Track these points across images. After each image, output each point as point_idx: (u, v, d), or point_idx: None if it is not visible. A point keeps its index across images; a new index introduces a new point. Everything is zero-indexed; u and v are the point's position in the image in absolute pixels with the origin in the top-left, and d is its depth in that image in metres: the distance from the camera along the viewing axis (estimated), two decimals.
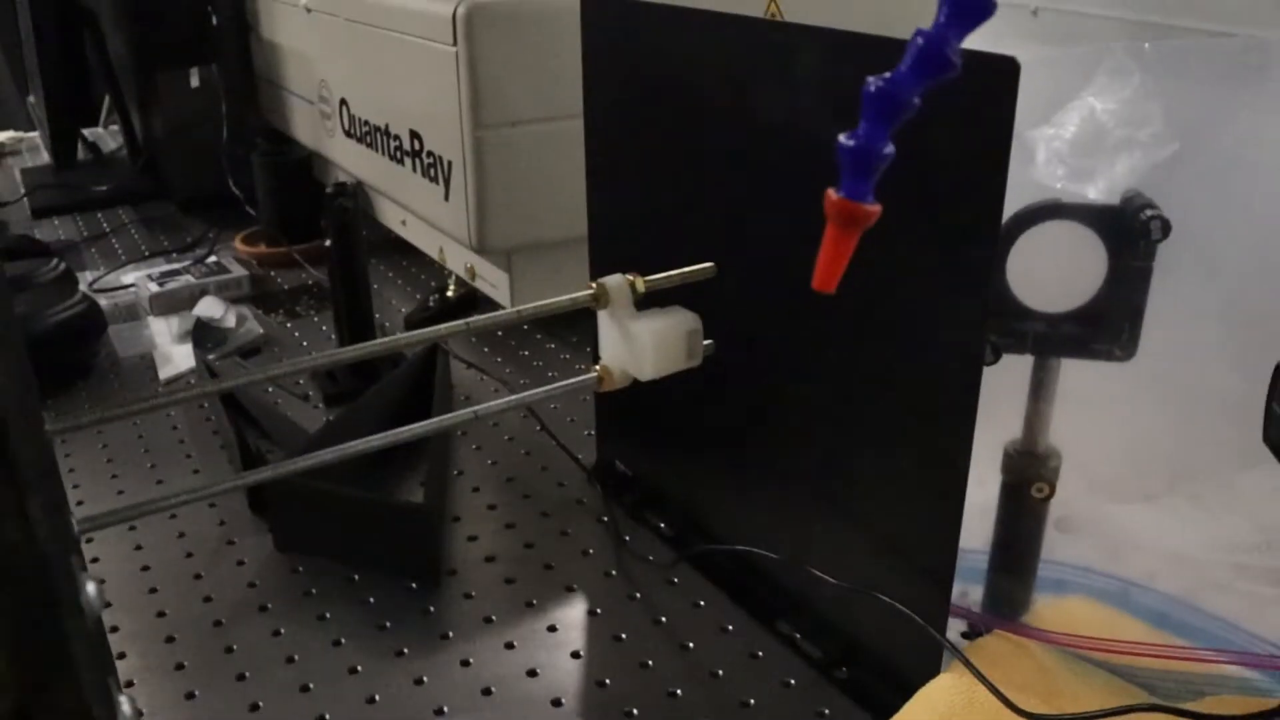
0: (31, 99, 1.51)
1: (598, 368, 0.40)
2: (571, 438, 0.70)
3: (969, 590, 0.53)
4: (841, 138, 0.26)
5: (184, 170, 1.18)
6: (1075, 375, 0.47)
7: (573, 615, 0.54)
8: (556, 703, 0.49)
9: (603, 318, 0.40)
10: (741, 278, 0.47)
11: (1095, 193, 0.45)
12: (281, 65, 1.09)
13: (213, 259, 1.02)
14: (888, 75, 0.26)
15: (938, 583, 0.45)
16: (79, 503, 0.66)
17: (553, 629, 0.53)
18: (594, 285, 0.39)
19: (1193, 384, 0.43)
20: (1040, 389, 0.48)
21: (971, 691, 0.44)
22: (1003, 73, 0.35)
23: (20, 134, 1.59)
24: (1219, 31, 1.60)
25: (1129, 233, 0.45)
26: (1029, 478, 0.49)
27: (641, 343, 0.39)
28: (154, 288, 0.94)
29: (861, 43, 0.41)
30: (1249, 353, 0.39)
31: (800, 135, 0.46)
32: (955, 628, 0.50)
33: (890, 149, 0.26)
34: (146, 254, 1.08)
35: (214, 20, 1.13)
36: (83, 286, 0.87)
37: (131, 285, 0.98)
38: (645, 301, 0.41)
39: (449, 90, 0.74)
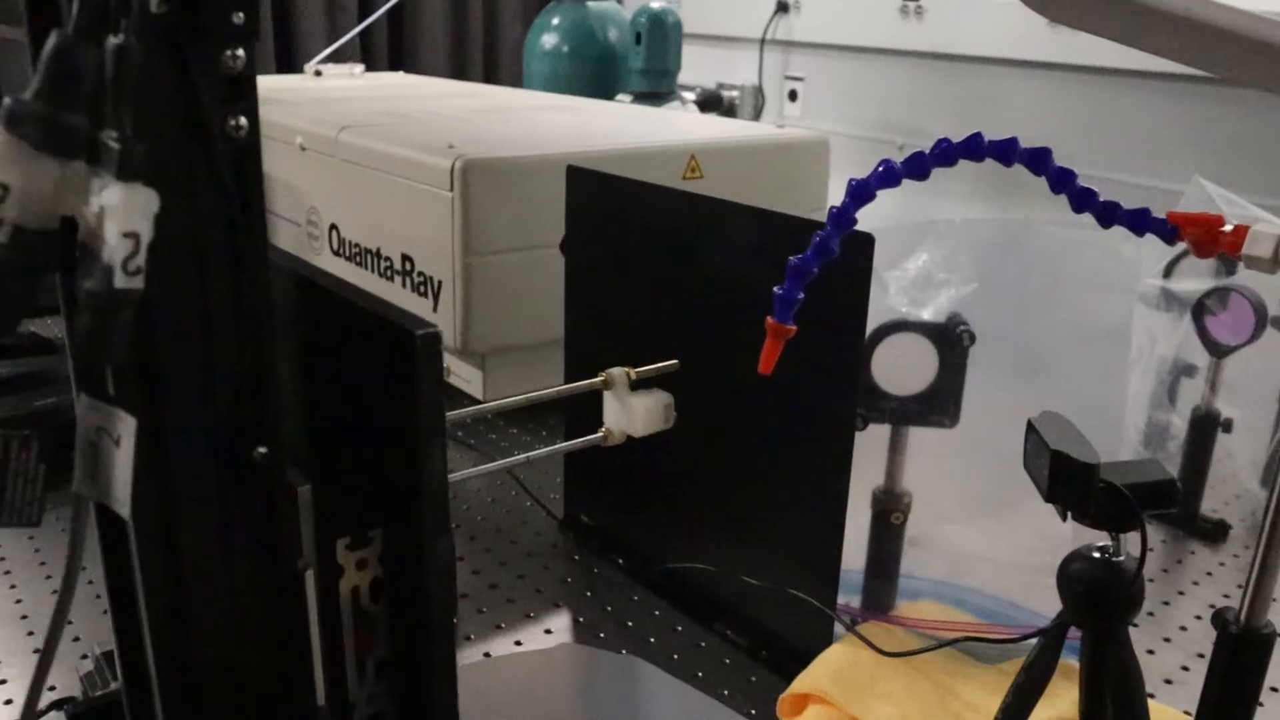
0: None
1: (603, 429, 0.60)
2: (542, 498, 0.88)
3: (851, 600, 0.73)
4: (776, 289, 0.47)
5: None
6: (919, 438, 0.69)
7: (562, 622, 0.73)
8: None
9: (607, 395, 0.60)
10: (689, 369, 0.67)
11: (928, 314, 0.67)
12: (269, 191, 1.27)
13: None
14: (801, 255, 0.47)
15: (828, 580, 0.65)
16: None
17: (549, 631, 0.71)
18: (603, 374, 0.59)
19: (994, 440, 0.64)
20: (896, 447, 0.69)
21: (855, 654, 0.64)
22: (864, 242, 0.57)
23: None
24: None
25: (950, 340, 0.67)
26: (889, 509, 0.70)
27: (636, 412, 0.59)
28: None
29: (773, 218, 0.63)
30: (1028, 416, 0.61)
31: (732, 274, 0.67)
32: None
33: (801, 295, 0.47)
34: None
35: None
36: None
37: None
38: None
39: (444, 225, 0.94)
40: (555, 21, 1.98)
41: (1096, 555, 0.53)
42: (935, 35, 2.23)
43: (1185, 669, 0.71)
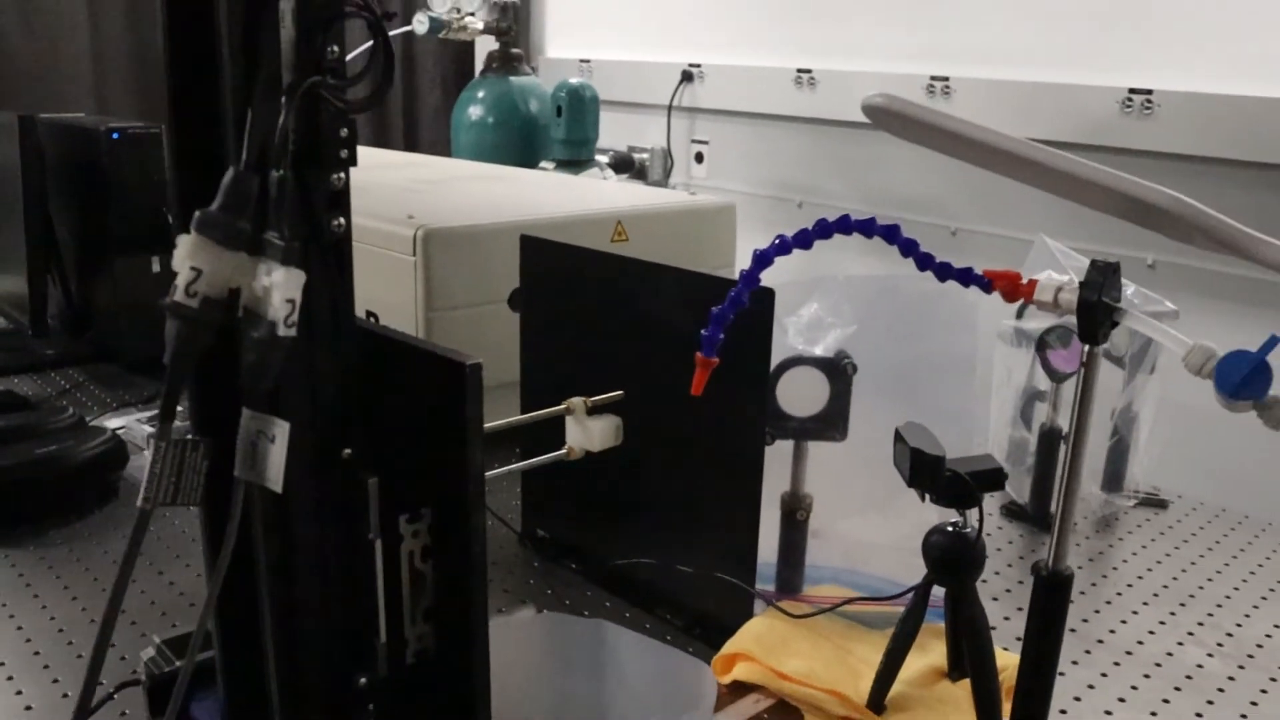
0: None
1: (566, 448, 0.75)
2: (503, 517, 1.02)
3: (767, 586, 0.89)
4: (703, 331, 0.63)
5: (135, 338, 1.44)
6: (816, 450, 0.85)
7: (528, 614, 0.87)
8: None
9: (569, 420, 0.75)
10: (627, 398, 0.82)
11: (819, 350, 0.84)
12: None
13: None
14: (720, 306, 0.63)
15: (748, 566, 0.80)
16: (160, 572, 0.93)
17: None
18: (566, 403, 0.74)
19: (875, 449, 0.81)
20: (798, 458, 0.86)
21: (772, 623, 0.80)
22: (767, 296, 0.74)
23: None
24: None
25: (838, 372, 0.83)
26: (795, 509, 0.86)
27: (593, 432, 0.74)
28: (147, 429, 1.21)
29: (694, 277, 0.80)
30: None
31: (659, 321, 0.83)
32: (759, 604, 0.86)
33: (722, 335, 0.63)
34: (115, 406, 1.34)
35: (170, 219, 1.43)
36: None
37: (121, 428, 1.24)
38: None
39: (407, 286, 1.08)
40: (480, 95, 2.14)
41: (949, 529, 0.70)
42: (826, 103, 2.45)
43: None
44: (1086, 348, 0.62)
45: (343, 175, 0.46)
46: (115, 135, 1.40)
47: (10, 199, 1.44)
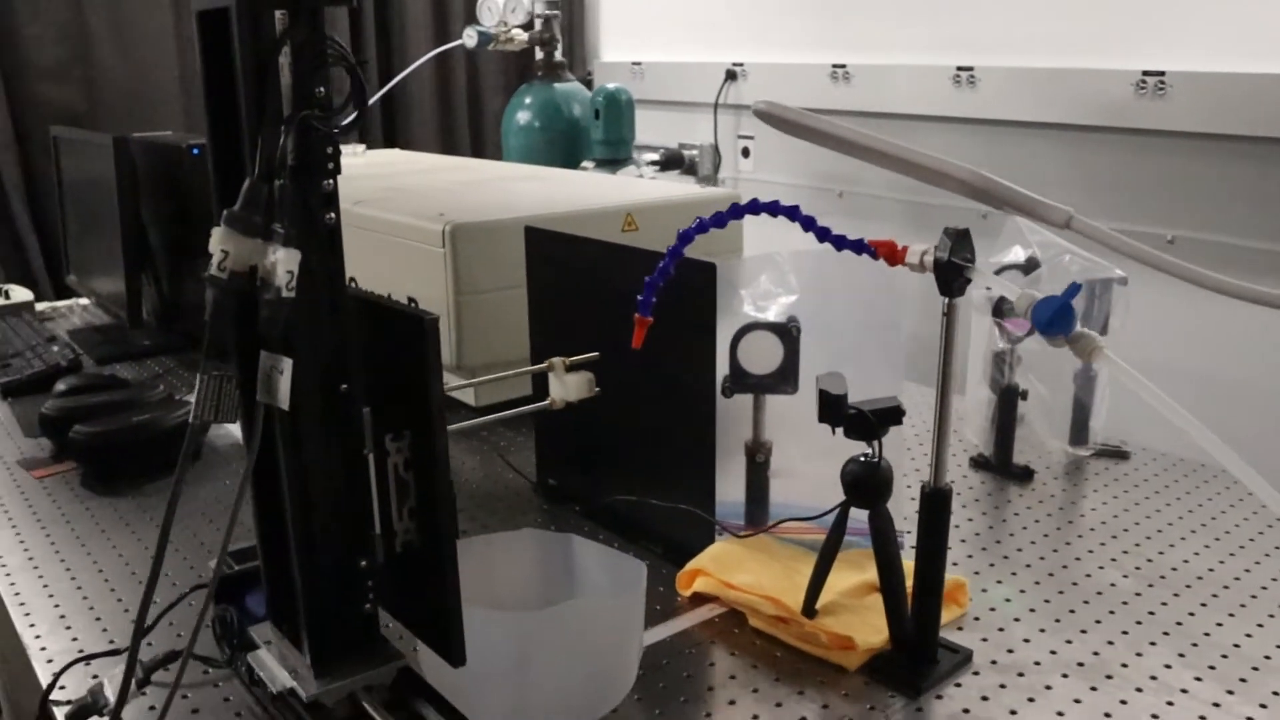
0: (73, 276, 1.97)
1: (550, 399, 0.91)
2: (520, 471, 1.19)
3: (737, 521, 1.03)
4: (638, 296, 0.78)
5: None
6: (773, 402, 0.99)
7: (513, 532, 1.03)
8: None
9: (551, 376, 0.90)
10: (607, 358, 0.97)
11: (771, 316, 0.98)
12: None
13: None
14: (651, 276, 0.78)
15: (708, 500, 0.95)
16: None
17: None
18: (547, 362, 0.90)
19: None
20: (758, 410, 1.00)
21: (729, 547, 0.95)
22: (708, 270, 0.88)
23: (55, 303, 2.05)
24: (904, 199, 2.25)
25: (788, 335, 0.98)
26: (756, 453, 1.00)
27: (569, 385, 0.89)
28: None
29: (659, 257, 0.94)
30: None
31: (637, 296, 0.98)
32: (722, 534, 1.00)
33: (654, 299, 0.78)
34: None
35: None
36: None
37: None
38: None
39: (439, 274, 1.25)
40: (528, 101, 2.31)
41: (861, 459, 0.84)
42: (862, 96, 2.57)
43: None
44: (945, 300, 0.75)
45: (331, 181, 0.63)
46: (195, 150, 1.61)
47: (109, 210, 1.65)
